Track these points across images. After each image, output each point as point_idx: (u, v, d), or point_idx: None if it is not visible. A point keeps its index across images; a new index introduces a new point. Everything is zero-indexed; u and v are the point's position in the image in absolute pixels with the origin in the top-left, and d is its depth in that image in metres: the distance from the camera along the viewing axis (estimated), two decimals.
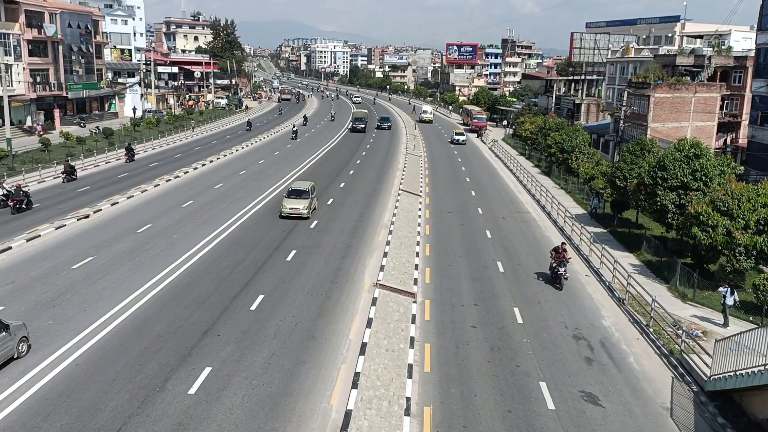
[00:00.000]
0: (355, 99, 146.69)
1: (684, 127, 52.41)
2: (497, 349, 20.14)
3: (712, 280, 26.45)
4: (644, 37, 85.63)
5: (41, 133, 60.29)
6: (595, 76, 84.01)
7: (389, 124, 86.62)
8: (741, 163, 43.86)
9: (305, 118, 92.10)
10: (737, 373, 16.36)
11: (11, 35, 63.72)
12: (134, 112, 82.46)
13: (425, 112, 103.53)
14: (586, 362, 19.61)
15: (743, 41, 69.40)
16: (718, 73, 57.14)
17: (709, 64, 56.62)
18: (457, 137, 75.83)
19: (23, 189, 35.57)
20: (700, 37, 75.62)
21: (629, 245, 32.61)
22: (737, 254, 24.61)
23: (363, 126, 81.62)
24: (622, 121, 54.09)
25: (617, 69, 72.42)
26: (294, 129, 74.73)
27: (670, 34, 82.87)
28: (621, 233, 35.06)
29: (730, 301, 22.91)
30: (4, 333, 17.11)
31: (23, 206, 34.29)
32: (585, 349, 20.58)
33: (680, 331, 20.31)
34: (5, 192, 35.03)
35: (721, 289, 23.19)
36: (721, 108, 55.97)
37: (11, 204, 34.02)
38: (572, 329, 22.08)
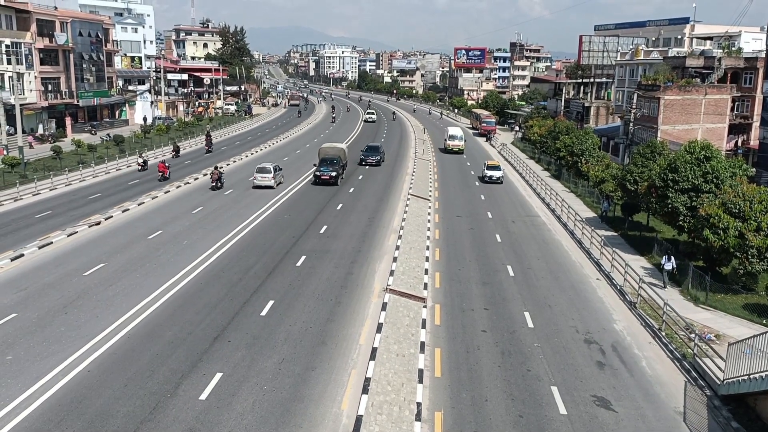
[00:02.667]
0: (368, 115, 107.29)
1: (694, 129, 52.07)
2: (508, 353, 20.06)
3: (724, 283, 26.26)
4: (653, 39, 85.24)
5: (32, 146, 59.98)
6: (604, 79, 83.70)
7: (377, 157, 58.52)
8: (752, 165, 43.49)
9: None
10: (751, 376, 16.19)
11: (23, 44, 64.40)
12: (145, 121, 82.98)
13: (453, 137, 70.39)
14: (598, 366, 19.50)
15: (753, 42, 68.89)
16: (729, 75, 56.75)
17: (719, 66, 56.24)
18: (489, 173, 52.23)
19: None
20: (710, 38, 75.20)
21: (640, 248, 32.42)
22: (750, 256, 24.39)
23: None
24: (632, 124, 53.83)
25: (626, 71, 72.13)
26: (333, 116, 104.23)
27: (679, 36, 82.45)
28: (632, 236, 34.87)
29: (668, 266, 27.06)
30: (280, 170, 44.19)
31: None
32: (597, 353, 20.46)
33: (693, 335, 20.16)
34: None
35: (664, 258, 27.37)
36: (732, 110, 55.56)
37: None
38: (583, 333, 21.96)
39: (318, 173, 47.09)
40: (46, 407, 15.69)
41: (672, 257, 27.42)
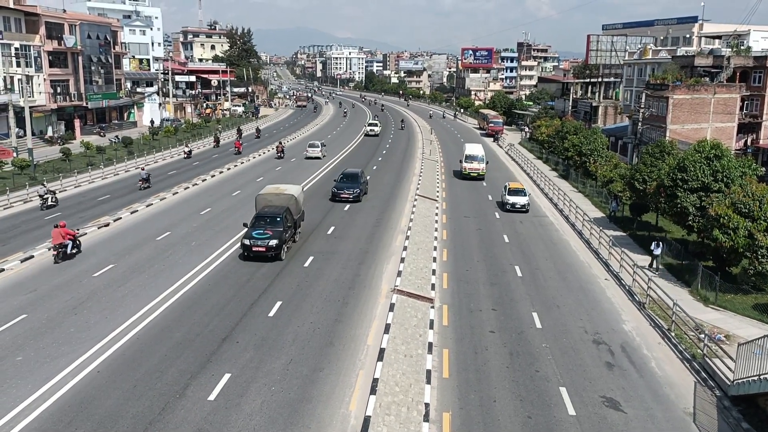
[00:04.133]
0: (370, 127, 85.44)
1: (703, 129, 51.80)
2: (516, 354, 20.01)
3: (734, 283, 26.10)
4: (662, 38, 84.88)
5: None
6: (612, 79, 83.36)
7: (356, 190, 42.03)
8: (762, 165, 43.25)
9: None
10: (761, 377, 16.07)
11: (32, 47, 64.81)
12: (152, 123, 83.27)
13: (472, 158, 53.42)
14: (607, 367, 19.42)
15: (763, 41, 68.52)
16: (738, 74, 56.41)
17: (728, 65, 55.92)
18: (512, 198, 40.37)
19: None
20: (719, 37, 74.78)
21: (649, 248, 32.24)
22: (759, 256, 24.25)
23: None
24: (640, 124, 53.60)
25: (635, 71, 71.83)
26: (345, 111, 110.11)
27: (688, 35, 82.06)
28: (640, 236, 34.70)
29: (657, 251, 29.00)
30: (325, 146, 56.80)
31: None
32: (605, 353, 20.38)
33: (702, 335, 20.05)
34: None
35: (653, 244, 29.25)
36: (741, 109, 55.23)
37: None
38: (592, 334, 21.88)
39: (246, 243, 27.95)
40: (55, 408, 15.77)
41: (661, 244, 29.45)
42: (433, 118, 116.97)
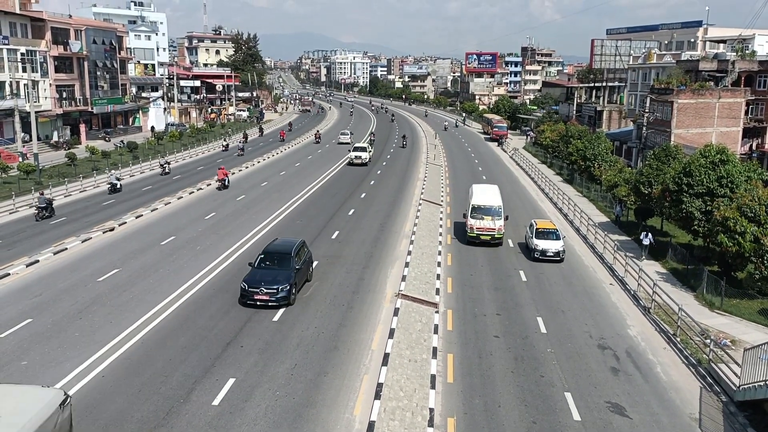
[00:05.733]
0: (355, 153, 61.55)
1: (708, 133, 51.71)
2: (521, 359, 19.96)
3: (740, 288, 25.99)
4: (666, 42, 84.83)
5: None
6: (616, 83, 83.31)
7: (283, 289, 22.86)
8: (767, 169, 43.11)
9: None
10: (767, 382, 16.03)
11: (38, 52, 65.12)
12: (152, 130, 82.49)
13: (483, 211, 33.55)
14: (612, 372, 19.35)
15: (767, 45, 68.41)
16: (743, 78, 56.35)
17: (732, 69, 55.88)
18: (542, 244, 30.70)
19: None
20: (723, 41, 74.70)
21: (654, 253, 32.16)
22: (765, 261, 24.16)
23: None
24: (645, 128, 53.54)
25: (639, 75, 71.79)
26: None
27: (692, 39, 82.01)
28: None
29: (646, 241, 30.90)
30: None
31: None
32: (611, 358, 20.32)
33: (708, 340, 19.97)
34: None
35: (642, 234, 31.28)
36: (746, 113, 55.15)
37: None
38: (597, 339, 21.82)
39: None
40: None
41: (649, 233, 31.33)
42: (440, 125, 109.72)
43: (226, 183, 46.82)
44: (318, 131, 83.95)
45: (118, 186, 45.44)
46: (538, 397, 17.59)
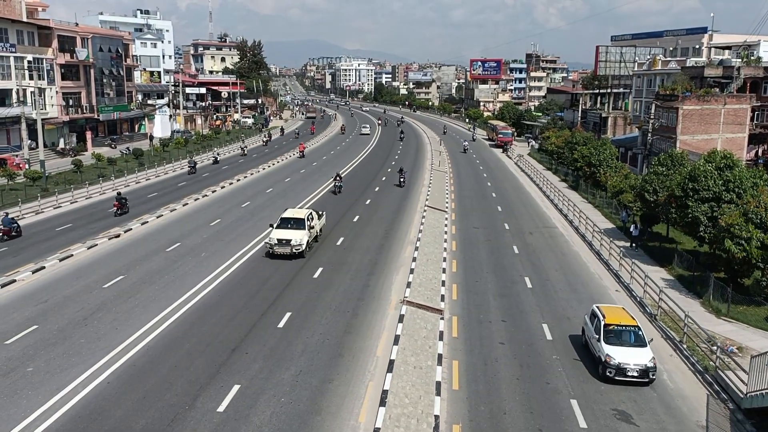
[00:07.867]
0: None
1: (714, 139, 51.55)
2: (526, 366, 19.89)
3: (746, 294, 25.84)
4: (671, 49, 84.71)
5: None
6: (621, 89, 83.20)
7: None
8: None
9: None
10: None
11: (45, 60, 65.50)
12: (151, 139, 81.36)
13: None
14: None
15: None
16: (748, 84, 56.18)
17: (738, 75, 55.71)
18: (619, 356, 18.68)
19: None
20: (728, 48, 74.52)
21: (660, 259, 32.06)
22: None
23: None
24: (650, 134, 53.44)
25: (644, 82, 71.71)
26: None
27: (697, 46, 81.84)
28: (651, 247, 34.48)
29: (636, 232, 33.38)
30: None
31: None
32: None
33: (715, 347, 19.86)
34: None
35: (632, 227, 33.96)
36: (752, 119, 54.95)
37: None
38: None
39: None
40: (66, 419, 15.80)
41: (638, 225, 33.97)
42: (447, 134, 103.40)
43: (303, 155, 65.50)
44: (343, 125, 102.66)
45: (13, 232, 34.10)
46: (543, 405, 17.51)
